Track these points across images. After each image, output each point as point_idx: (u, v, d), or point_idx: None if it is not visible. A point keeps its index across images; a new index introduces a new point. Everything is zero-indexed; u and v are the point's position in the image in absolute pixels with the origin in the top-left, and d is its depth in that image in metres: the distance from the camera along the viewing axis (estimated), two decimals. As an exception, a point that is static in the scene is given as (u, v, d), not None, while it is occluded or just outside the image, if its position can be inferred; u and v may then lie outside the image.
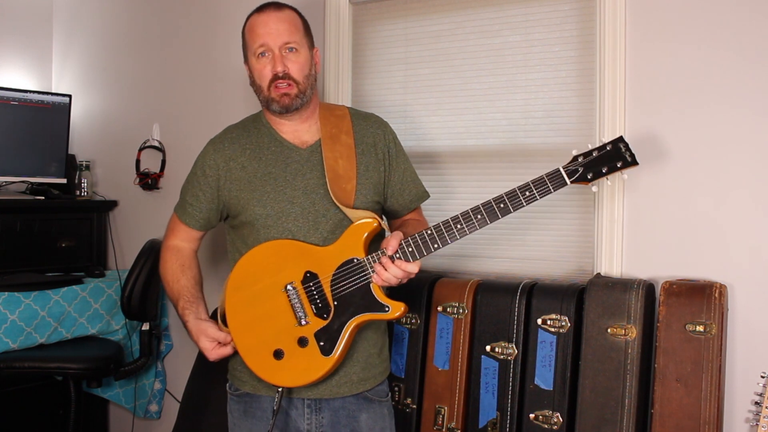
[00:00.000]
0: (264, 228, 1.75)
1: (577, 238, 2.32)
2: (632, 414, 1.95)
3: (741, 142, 2.05)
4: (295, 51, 1.74)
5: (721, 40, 2.06)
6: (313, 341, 1.66)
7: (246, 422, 1.81)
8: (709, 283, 1.99)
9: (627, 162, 1.64)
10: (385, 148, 1.85)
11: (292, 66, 1.73)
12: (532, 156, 2.39)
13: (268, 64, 1.74)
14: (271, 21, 1.74)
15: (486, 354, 2.16)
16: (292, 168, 1.78)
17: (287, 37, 1.73)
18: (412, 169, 1.93)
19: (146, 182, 3.19)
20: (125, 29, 3.33)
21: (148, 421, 3.23)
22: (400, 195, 1.87)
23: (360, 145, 1.82)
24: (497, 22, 2.43)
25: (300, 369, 1.66)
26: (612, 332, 2.01)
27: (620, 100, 2.19)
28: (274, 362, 1.67)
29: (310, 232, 1.74)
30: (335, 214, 1.75)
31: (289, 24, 1.75)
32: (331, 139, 1.79)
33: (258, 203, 1.76)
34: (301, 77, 1.75)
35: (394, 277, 1.63)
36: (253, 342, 1.70)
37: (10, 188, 3.10)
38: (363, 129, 1.85)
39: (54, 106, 3.18)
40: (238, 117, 2.03)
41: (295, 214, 1.75)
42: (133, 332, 3.05)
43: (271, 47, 1.73)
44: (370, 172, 1.80)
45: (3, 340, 2.61)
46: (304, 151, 1.80)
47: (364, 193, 1.79)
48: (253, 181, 1.78)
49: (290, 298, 1.68)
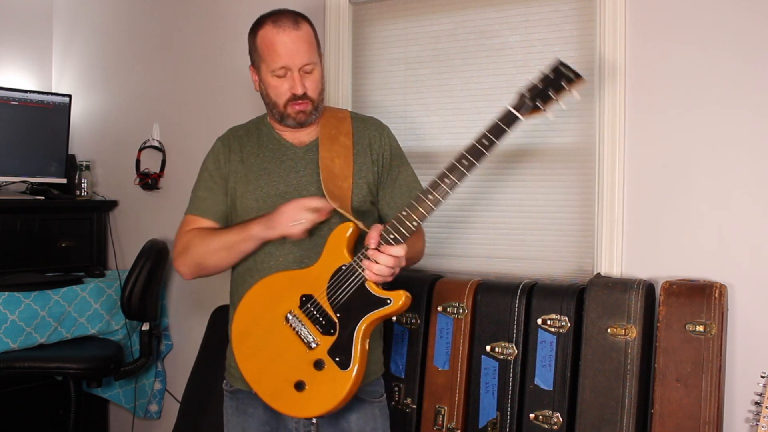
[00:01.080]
0: None
1: (577, 238, 2.32)
2: (632, 414, 1.95)
3: (741, 142, 2.05)
4: (311, 71, 1.77)
5: (721, 40, 2.06)
6: (328, 360, 1.62)
7: (238, 419, 1.84)
8: (709, 283, 1.99)
9: (572, 79, 1.55)
10: (380, 150, 1.86)
11: (309, 85, 1.77)
12: (532, 156, 2.39)
13: (286, 83, 1.75)
14: (291, 41, 1.73)
15: (486, 354, 2.16)
16: (287, 165, 1.82)
17: (307, 58, 1.75)
18: (411, 174, 1.92)
19: (146, 182, 3.19)
20: (125, 29, 3.33)
21: (148, 421, 3.23)
22: (391, 198, 1.87)
23: (357, 146, 1.84)
24: (497, 22, 2.43)
25: (325, 393, 1.62)
26: (612, 332, 2.01)
27: (620, 100, 2.19)
28: (299, 395, 1.63)
29: None
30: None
31: (308, 44, 1.76)
32: (329, 139, 1.82)
33: (251, 196, 1.80)
34: (317, 94, 1.79)
35: (385, 266, 1.59)
36: (274, 384, 1.67)
37: (10, 188, 3.10)
38: (361, 130, 1.87)
39: (54, 106, 3.18)
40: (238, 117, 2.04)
41: None
42: (133, 332, 3.05)
43: (291, 68, 1.74)
44: (363, 172, 1.82)
45: (3, 340, 2.61)
46: (300, 149, 1.84)
47: (359, 192, 1.80)
48: (248, 176, 1.82)
49: (293, 327, 1.66)
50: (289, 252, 1.76)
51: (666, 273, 2.11)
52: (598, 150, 2.23)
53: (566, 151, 2.34)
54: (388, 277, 1.63)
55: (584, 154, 2.30)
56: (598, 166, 2.23)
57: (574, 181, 2.33)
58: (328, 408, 1.61)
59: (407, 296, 1.63)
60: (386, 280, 1.64)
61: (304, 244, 1.74)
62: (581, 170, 2.31)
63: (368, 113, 2.02)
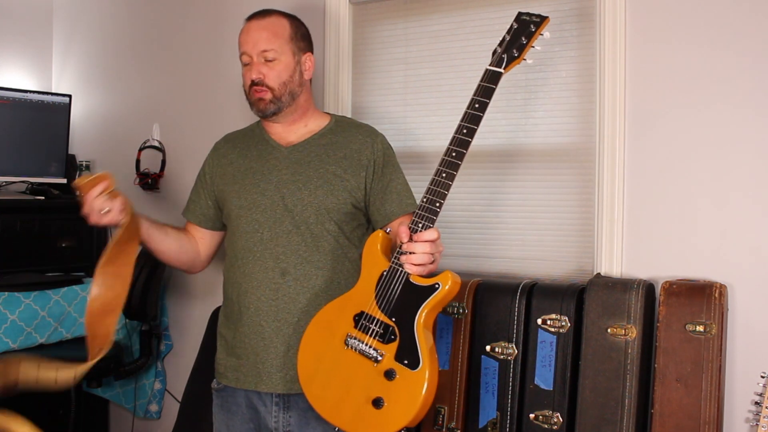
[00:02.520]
0: (236, 218, 1.85)
1: (577, 238, 2.32)
2: (632, 414, 1.95)
3: (741, 142, 2.05)
4: (273, 59, 1.81)
5: (721, 40, 2.06)
6: (398, 366, 1.57)
7: (223, 416, 1.87)
8: (709, 283, 1.99)
9: (537, 22, 1.67)
10: (372, 156, 1.88)
11: (268, 72, 1.81)
12: (532, 156, 2.39)
13: (249, 71, 1.84)
14: (252, 29, 1.84)
15: (486, 354, 2.16)
16: (270, 164, 1.87)
17: (264, 44, 1.81)
18: (403, 182, 1.92)
19: (146, 182, 3.19)
20: (125, 29, 3.33)
21: (148, 421, 3.23)
22: (381, 205, 1.88)
23: (342, 150, 1.88)
24: (497, 22, 2.43)
25: (403, 401, 1.55)
26: (612, 332, 2.01)
27: (620, 100, 2.19)
28: (380, 413, 1.56)
29: (275, 224, 1.81)
30: (302, 210, 1.81)
31: (268, 32, 1.82)
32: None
33: (235, 195, 1.86)
34: (277, 84, 1.82)
35: (423, 253, 1.58)
36: (352, 410, 1.60)
37: (10, 188, 3.10)
38: (352, 135, 1.91)
39: (54, 106, 3.18)
40: (238, 117, 2.05)
41: (264, 206, 1.82)
42: (133, 332, 3.05)
43: (251, 55, 1.83)
44: (347, 175, 1.85)
45: (3, 340, 2.61)
46: (285, 149, 1.88)
47: (337, 195, 1.84)
48: (236, 175, 1.89)
49: (355, 348, 1.62)
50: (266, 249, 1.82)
51: (666, 273, 2.12)
52: (598, 150, 2.23)
53: (566, 151, 2.34)
54: (429, 265, 1.60)
55: (584, 154, 2.30)
56: (598, 166, 2.23)
57: (574, 181, 2.33)
58: (411, 415, 1.53)
59: (454, 275, 1.60)
60: (430, 270, 1.61)
61: (280, 240, 1.81)
62: (581, 170, 2.31)
63: (368, 114, 2.04)
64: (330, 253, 1.82)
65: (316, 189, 1.82)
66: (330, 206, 1.82)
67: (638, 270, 2.18)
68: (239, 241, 1.85)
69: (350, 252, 1.86)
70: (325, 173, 1.84)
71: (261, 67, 1.82)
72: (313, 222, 1.81)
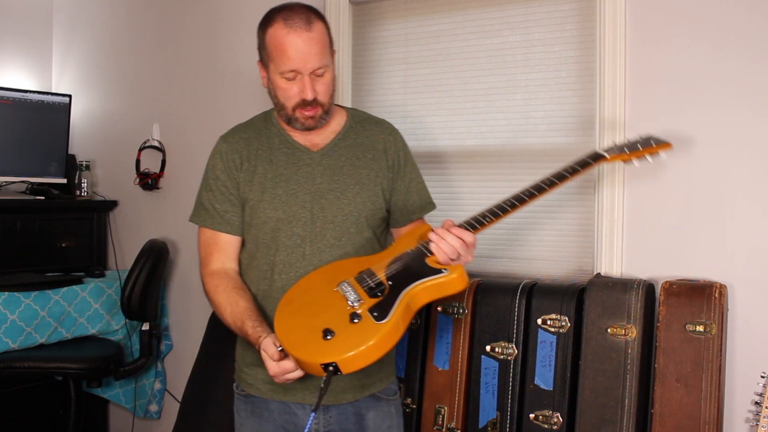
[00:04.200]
0: (273, 231, 1.72)
1: (577, 238, 2.32)
2: (632, 414, 1.95)
3: (741, 142, 2.05)
4: (323, 74, 1.67)
5: (721, 40, 2.06)
6: (366, 315, 1.50)
7: (253, 422, 1.79)
8: (709, 283, 1.99)
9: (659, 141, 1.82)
10: (395, 155, 1.81)
11: (320, 89, 1.68)
12: (532, 156, 2.39)
13: (294, 86, 1.66)
14: (302, 43, 1.62)
15: (486, 354, 2.16)
16: (304, 171, 1.74)
17: (318, 62, 1.64)
18: (420, 180, 1.88)
19: (146, 182, 3.19)
20: (125, 29, 3.33)
21: (148, 421, 3.23)
22: (404, 206, 1.83)
23: (371, 150, 1.79)
24: (497, 22, 2.43)
25: (349, 341, 1.48)
26: (612, 332, 2.01)
27: (620, 100, 2.19)
28: (324, 343, 1.49)
29: (317, 238, 1.71)
30: (343, 221, 1.72)
31: (320, 46, 1.65)
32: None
33: (269, 205, 1.72)
34: (327, 98, 1.71)
35: (451, 246, 1.54)
36: (302, 334, 1.53)
37: (10, 188, 3.10)
38: (375, 134, 1.82)
39: (54, 106, 3.18)
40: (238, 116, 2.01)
41: (305, 219, 1.71)
42: (133, 332, 3.05)
43: (301, 72, 1.64)
44: (380, 178, 1.77)
45: (3, 340, 2.61)
46: (315, 153, 1.76)
47: (375, 199, 1.76)
48: (263, 183, 1.73)
49: (342, 291, 1.57)
50: (309, 264, 1.71)
51: (666, 273, 2.11)
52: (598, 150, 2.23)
53: (566, 151, 2.34)
54: (449, 259, 1.56)
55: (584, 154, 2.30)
56: (598, 167, 2.23)
57: (574, 181, 2.32)
58: (345, 354, 1.45)
59: (464, 273, 1.54)
60: (448, 262, 1.56)
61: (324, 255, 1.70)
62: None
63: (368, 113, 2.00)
64: None
65: (354, 197, 1.73)
66: (368, 213, 1.75)
67: (638, 270, 2.18)
68: (279, 256, 1.73)
69: None
70: (360, 179, 1.75)
71: (315, 85, 1.66)
72: (354, 232, 1.73)
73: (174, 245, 3.16)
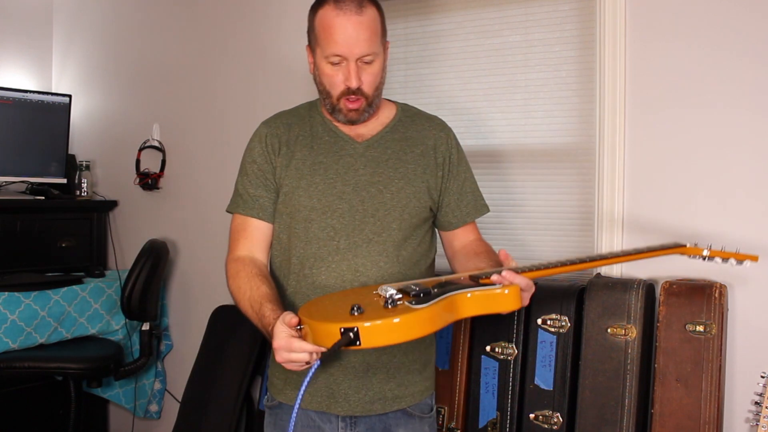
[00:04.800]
0: (306, 221, 1.61)
1: (577, 238, 2.32)
2: (632, 414, 1.95)
3: (741, 142, 2.05)
4: (371, 62, 1.57)
5: (721, 40, 2.06)
6: (403, 303, 1.33)
7: None
8: (709, 283, 1.99)
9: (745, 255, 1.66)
10: (447, 153, 1.71)
11: (366, 78, 1.58)
12: (532, 156, 2.39)
13: (340, 73, 1.57)
14: (350, 27, 1.53)
15: (486, 354, 2.16)
16: (345, 161, 1.64)
17: (367, 48, 1.55)
18: (473, 180, 1.77)
19: (146, 182, 3.19)
20: (125, 29, 3.33)
21: (148, 421, 3.23)
22: (457, 206, 1.71)
23: (419, 146, 1.69)
24: (497, 22, 2.43)
25: (376, 316, 1.29)
26: (612, 332, 2.01)
27: (620, 100, 2.19)
28: (349, 315, 1.31)
29: (354, 232, 1.60)
30: (384, 215, 1.61)
31: (370, 32, 1.55)
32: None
33: (305, 193, 1.62)
34: (372, 90, 1.61)
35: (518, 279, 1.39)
36: (328, 310, 1.39)
37: (10, 188, 3.10)
38: (426, 129, 1.72)
39: (54, 106, 3.18)
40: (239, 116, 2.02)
41: (342, 211, 1.60)
42: (133, 332, 3.05)
43: (347, 58, 1.55)
44: (427, 175, 1.67)
45: (3, 340, 2.61)
46: (360, 145, 1.66)
47: (419, 195, 1.65)
48: (301, 169, 1.64)
49: (381, 292, 1.38)
50: (342, 259, 1.59)
51: (666, 273, 2.11)
52: (598, 150, 2.23)
53: (566, 151, 2.34)
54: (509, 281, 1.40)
55: (584, 153, 2.30)
56: (598, 166, 2.23)
57: (574, 181, 2.33)
58: (373, 320, 1.27)
59: (518, 292, 1.37)
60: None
61: (360, 250, 1.58)
62: (581, 170, 2.31)
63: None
64: (408, 260, 1.63)
65: (398, 191, 1.62)
66: (412, 210, 1.63)
67: (638, 270, 2.18)
68: (310, 248, 1.61)
69: (425, 260, 1.69)
70: (405, 173, 1.64)
71: (360, 73, 1.57)
72: (396, 228, 1.61)
73: (174, 245, 3.16)
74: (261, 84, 2.89)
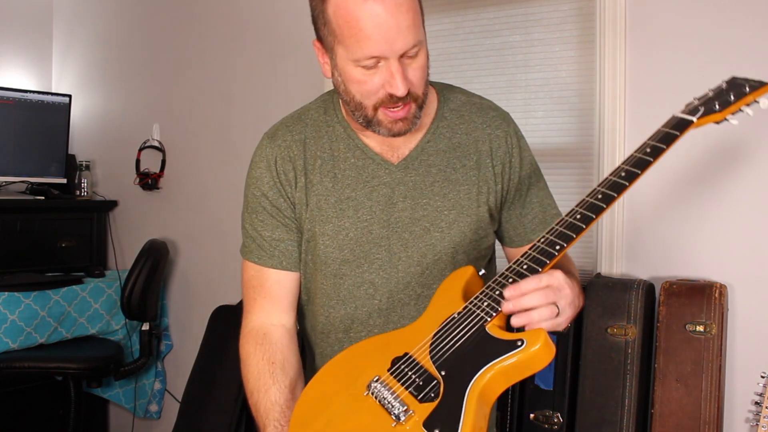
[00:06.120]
0: (336, 277, 1.28)
1: (577, 238, 2.31)
2: (632, 414, 1.95)
3: (741, 142, 2.05)
4: (417, 53, 1.15)
5: (721, 41, 2.06)
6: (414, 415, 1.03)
7: None
8: (709, 283, 1.99)
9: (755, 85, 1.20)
10: (507, 157, 1.33)
11: (414, 76, 1.16)
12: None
13: (377, 76, 1.14)
14: (385, 14, 1.08)
15: (486, 354, 2.16)
16: (379, 192, 1.27)
17: (412, 38, 1.12)
18: (544, 186, 1.40)
19: (146, 182, 3.19)
20: (125, 29, 3.33)
21: (148, 421, 3.23)
22: (519, 221, 1.36)
23: (473, 154, 1.31)
24: (497, 22, 2.43)
25: None
26: (612, 332, 2.01)
27: (620, 100, 2.19)
28: None
29: (398, 288, 1.27)
30: (434, 262, 1.27)
31: (412, 13, 1.11)
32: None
33: (332, 243, 1.27)
34: (422, 88, 1.19)
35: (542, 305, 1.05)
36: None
37: (10, 188, 3.10)
38: (479, 128, 1.33)
39: (54, 106, 3.18)
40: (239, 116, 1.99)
41: (381, 262, 1.27)
42: (133, 332, 3.05)
43: (387, 57, 1.12)
44: (484, 193, 1.31)
45: (3, 340, 2.61)
46: (395, 167, 1.28)
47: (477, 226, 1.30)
48: (325, 210, 1.27)
49: (377, 397, 1.08)
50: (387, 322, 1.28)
51: (666, 273, 2.11)
52: (598, 150, 2.23)
53: (566, 151, 2.34)
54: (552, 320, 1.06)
55: (584, 154, 2.30)
56: (598, 166, 2.23)
57: (574, 181, 2.33)
58: None
59: (549, 339, 1.04)
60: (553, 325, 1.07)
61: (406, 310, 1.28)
62: (581, 170, 2.31)
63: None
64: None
65: (449, 227, 1.27)
66: (467, 246, 1.28)
67: (638, 270, 2.18)
68: (344, 309, 1.30)
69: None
70: (457, 199, 1.28)
71: (407, 72, 1.14)
72: (448, 274, 1.24)
73: (174, 245, 3.16)
74: (261, 84, 2.89)
